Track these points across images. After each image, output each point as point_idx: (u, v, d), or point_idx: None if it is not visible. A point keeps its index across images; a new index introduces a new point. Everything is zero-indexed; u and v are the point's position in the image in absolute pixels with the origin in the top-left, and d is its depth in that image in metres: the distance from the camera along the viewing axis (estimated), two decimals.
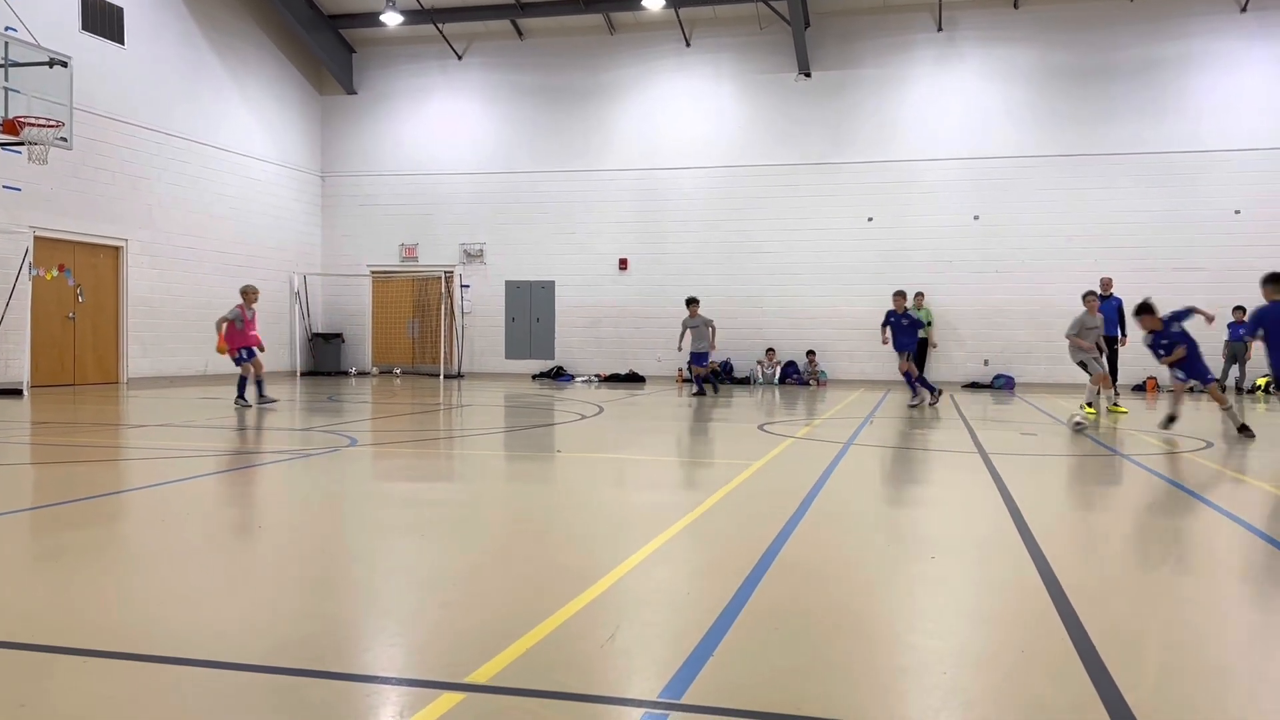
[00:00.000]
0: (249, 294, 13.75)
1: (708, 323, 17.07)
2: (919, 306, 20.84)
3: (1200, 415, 14.20)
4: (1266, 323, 9.82)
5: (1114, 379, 18.55)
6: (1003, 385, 20.69)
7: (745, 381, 21.77)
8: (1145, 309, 11.13)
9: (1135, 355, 19.73)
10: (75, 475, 7.28)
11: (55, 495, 6.36)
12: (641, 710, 2.64)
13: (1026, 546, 4.76)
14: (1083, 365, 13.83)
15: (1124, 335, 18.58)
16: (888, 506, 6.38)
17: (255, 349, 13.55)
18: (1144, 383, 20.31)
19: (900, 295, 15.93)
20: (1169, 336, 10.88)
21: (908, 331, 15.56)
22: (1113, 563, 4.80)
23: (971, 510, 6.02)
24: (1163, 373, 20.38)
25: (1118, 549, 5.14)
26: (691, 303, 17.36)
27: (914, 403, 14.96)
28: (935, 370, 21.44)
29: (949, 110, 21.54)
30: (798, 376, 21.57)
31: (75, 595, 3.86)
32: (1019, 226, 21.06)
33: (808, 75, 22.08)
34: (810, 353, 21.60)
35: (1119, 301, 18.57)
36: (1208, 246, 20.29)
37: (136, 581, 4.15)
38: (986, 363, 21.37)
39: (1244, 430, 10.33)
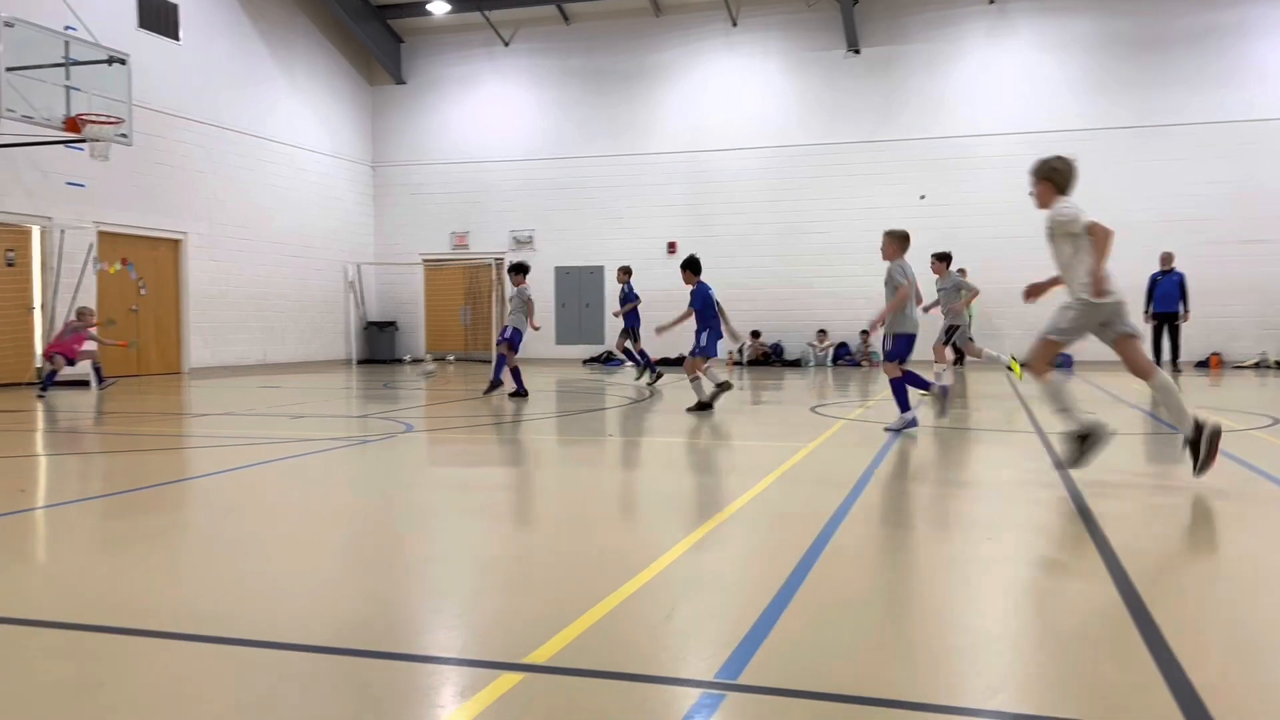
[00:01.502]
0: (85, 315, 14.15)
1: (525, 298, 13.19)
2: None
3: (1267, 390, 13.84)
4: None
5: (1176, 355, 18.16)
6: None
7: (797, 363, 21.65)
8: (686, 264, 11.34)
9: (1197, 331, 19.29)
10: (143, 463, 7.48)
11: (126, 483, 6.55)
12: (699, 691, 2.66)
13: (1087, 528, 4.69)
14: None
15: (1186, 311, 18.16)
16: (943, 487, 6.32)
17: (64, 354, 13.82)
18: (1207, 359, 19.83)
19: (624, 270, 15.78)
20: (698, 294, 11.07)
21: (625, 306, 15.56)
22: (1176, 543, 4.72)
23: (1029, 491, 5.94)
24: (1229, 349, 19.89)
25: (1181, 529, 5.04)
26: (515, 270, 13.50)
27: (649, 380, 15.03)
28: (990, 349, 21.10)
29: (1002, 84, 21.15)
30: (850, 358, 21.40)
31: (147, 579, 3.97)
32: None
33: (857, 52, 21.80)
34: (864, 333, 21.40)
35: (1180, 276, 18.15)
36: (1275, 217, 19.70)
37: (205, 566, 4.26)
38: None
39: (706, 405, 10.72)
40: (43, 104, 13.97)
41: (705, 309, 10.98)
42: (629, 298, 15.61)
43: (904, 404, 8.73)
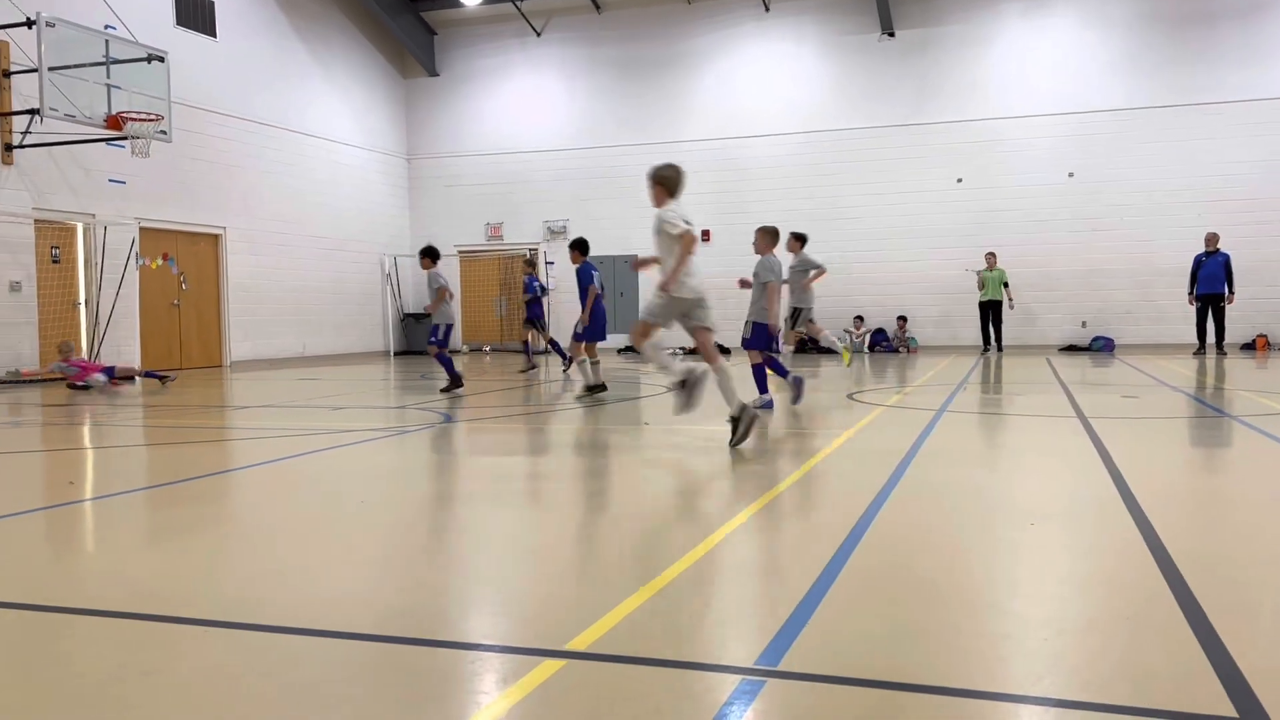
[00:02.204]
0: (64, 349, 14.82)
1: (435, 286, 12.17)
2: (991, 268, 19.92)
3: None
4: None
5: (1221, 337, 17.84)
6: (1101, 347, 20.06)
7: (832, 351, 21.50)
8: (575, 244, 11.59)
9: (1242, 312, 18.94)
10: (187, 455, 7.60)
11: (170, 474, 6.66)
12: (739, 677, 2.66)
13: (1130, 512, 4.63)
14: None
15: (1231, 293, 17.83)
16: (984, 473, 6.26)
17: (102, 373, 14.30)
18: (1253, 340, 19.47)
19: (528, 262, 16.34)
20: (581, 275, 11.36)
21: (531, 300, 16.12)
22: (1222, 528, 4.64)
23: (1071, 476, 5.87)
24: (1276, 330, 19.51)
25: (1227, 514, 4.96)
26: (424, 254, 12.52)
27: (526, 368, 15.90)
28: (1028, 334, 20.87)
29: (1039, 64, 20.84)
30: (887, 344, 21.24)
31: (192, 568, 4.04)
32: (1116, 182, 20.30)
33: (891, 34, 21.58)
34: (901, 319, 21.24)
35: (1225, 257, 17.83)
36: None
37: (249, 555, 4.33)
38: (1084, 324, 20.73)
39: (595, 390, 10.91)
40: (85, 102, 14.22)
41: (586, 292, 11.32)
42: (529, 289, 16.30)
43: (762, 387, 9.27)
